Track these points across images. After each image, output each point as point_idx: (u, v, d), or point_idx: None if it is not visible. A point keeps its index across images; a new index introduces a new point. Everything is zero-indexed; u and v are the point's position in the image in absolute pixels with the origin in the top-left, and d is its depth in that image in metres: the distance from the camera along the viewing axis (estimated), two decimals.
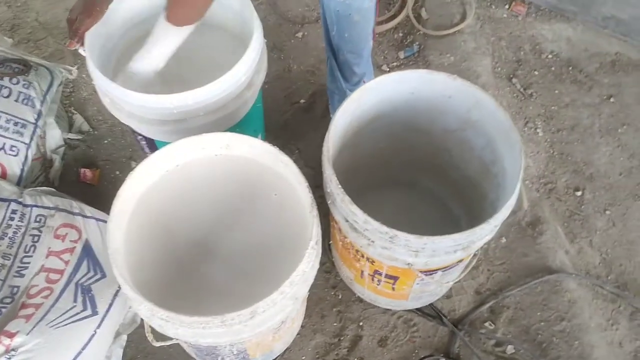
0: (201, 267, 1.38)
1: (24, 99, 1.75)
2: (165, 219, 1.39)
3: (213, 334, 1.15)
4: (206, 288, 1.36)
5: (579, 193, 1.87)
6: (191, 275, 1.37)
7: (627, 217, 1.82)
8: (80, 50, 1.43)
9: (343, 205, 1.24)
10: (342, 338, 1.63)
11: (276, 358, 1.59)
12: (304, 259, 1.15)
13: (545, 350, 1.59)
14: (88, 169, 1.87)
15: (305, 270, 1.19)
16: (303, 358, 1.60)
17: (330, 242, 1.65)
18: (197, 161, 1.37)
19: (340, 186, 1.22)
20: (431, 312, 1.66)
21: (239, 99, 1.45)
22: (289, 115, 2.02)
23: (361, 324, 1.64)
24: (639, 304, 1.67)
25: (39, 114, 1.78)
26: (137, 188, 1.31)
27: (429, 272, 1.35)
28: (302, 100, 2.05)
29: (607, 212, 1.83)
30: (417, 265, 1.28)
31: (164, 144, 1.34)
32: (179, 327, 1.14)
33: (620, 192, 1.87)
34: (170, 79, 1.54)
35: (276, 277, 1.16)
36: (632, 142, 1.96)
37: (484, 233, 1.22)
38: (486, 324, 1.64)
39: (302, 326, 1.63)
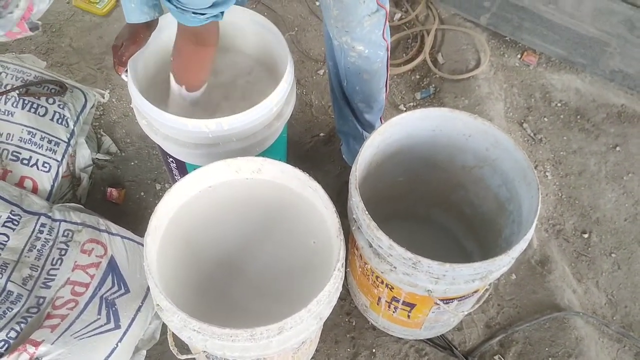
0: (228, 285, 1.43)
1: (58, 119, 1.83)
2: (195, 238, 1.45)
3: (241, 347, 1.19)
4: (232, 306, 1.41)
5: (585, 235, 1.94)
6: (218, 293, 1.42)
7: (632, 261, 1.89)
8: (123, 76, 1.51)
9: (369, 231, 1.30)
10: None
11: None
12: (331, 279, 1.21)
13: None
14: (114, 188, 1.94)
15: (331, 290, 1.24)
16: None
17: (347, 269, 1.71)
18: (229, 183, 1.43)
19: (367, 212, 1.29)
20: (442, 343, 1.70)
21: (269, 128, 1.53)
22: (309, 147, 2.10)
23: (374, 350, 1.69)
24: None
25: (72, 134, 1.85)
26: (172, 206, 1.38)
27: (447, 301, 1.40)
28: (321, 134, 2.14)
29: (613, 255, 1.90)
30: (436, 293, 1.34)
31: (194, 167, 1.41)
32: (208, 339, 1.18)
33: (625, 237, 1.94)
34: (205, 105, 1.62)
35: (300, 298, 1.22)
36: (637, 190, 2.04)
37: (502, 264, 1.28)
38: (495, 358, 1.68)
39: (317, 350, 1.67)
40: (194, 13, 1.18)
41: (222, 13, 1.23)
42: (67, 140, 1.84)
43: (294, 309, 1.16)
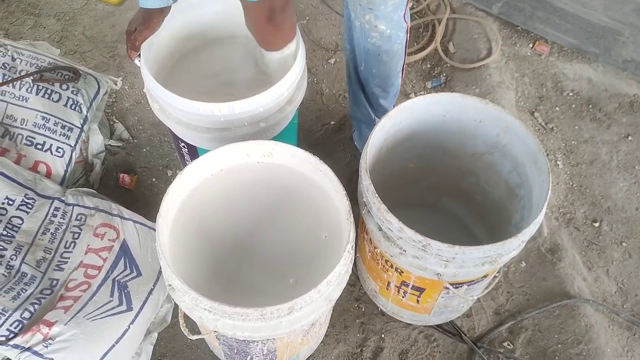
0: (239, 267, 1.44)
1: (72, 105, 1.85)
2: (207, 220, 1.46)
3: (251, 327, 1.20)
4: (242, 287, 1.42)
5: (596, 224, 1.93)
6: (229, 275, 1.43)
7: None
8: (136, 61, 1.52)
9: (379, 214, 1.31)
10: (364, 349, 1.67)
11: None
12: (341, 260, 1.22)
13: None
14: (126, 174, 1.96)
15: (341, 272, 1.25)
16: None
17: (357, 255, 1.72)
18: (240, 167, 1.44)
19: (377, 195, 1.30)
20: (451, 329, 1.71)
21: (281, 113, 1.54)
22: (320, 134, 2.11)
23: (383, 336, 1.69)
24: None
25: (85, 119, 1.87)
26: (184, 188, 1.39)
27: (456, 285, 1.40)
28: (332, 122, 2.15)
29: (624, 244, 1.89)
30: (446, 276, 1.34)
31: (206, 152, 1.42)
32: (219, 319, 1.20)
33: (636, 226, 1.93)
34: (216, 89, 1.64)
35: (311, 280, 1.23)
36: None
37: (511, 247, 1.29)
38: (505, 344, 1.69)
39: (326, 335, 1.68)
40: None
41: None
42: (80, 126, 1.85)
43: (304, 291, 1.17)
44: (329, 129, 2.13)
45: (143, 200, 1.91)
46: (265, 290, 1.43)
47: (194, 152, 1.65)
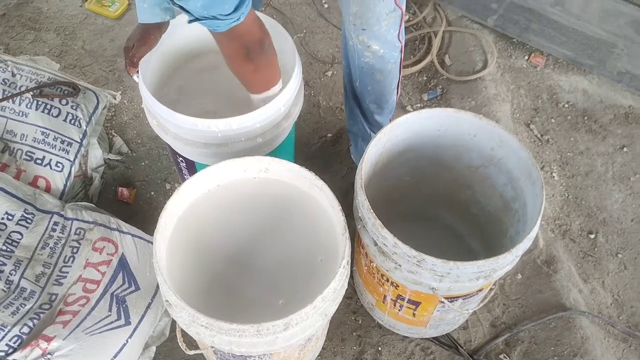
0: (236, 282, 1.46)
1: (71, 119, 1.86)
2: (204, 235, 1.47)
3: (248, 343, 1.21)
4: (240, 301, 1.43)
5: (592, 236, 1.94)
6: (226, 290, 1.45)
7: (639, 262, 1.89)
8: (134, 77, 1.54)
9: (374, 229, 1.32)
10: None
11: None
12: (336, 276, 1.23)
13: None
14: (125, 188, 1.97)
15: (336, 288, 1.26)
16: None
17: (353, 268, 1.73)
18: (237, 182, 1.46)
19: (372, 210, 1.31)
20: (448, 342, 1.72)
21: (277, 128, 1.55)
22: (317, 147, 2.12)
23: (380, 349, 1.70)
24: None
25: (84, 134, 1.88)
26: (181, 204, 1.40)
27: (451, 299, 1.42)
28: (329, 135, 2.16)
29: (619, 256, 1.90)
30: (440, 291, 1.35)
31: (204, 166, 1.44)
32: (216, 335, 1.21)
33: (632, 238, 1.94)
34: (212, 106, 1.65)
35: (307, 295, 1.24)
36: None
37: (505, 262, 1.30)
38: (501, 357, 1.70)
39: (323, 348, 1.69)
40: (216, 19, 1.18)
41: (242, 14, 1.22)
42: (79, 141, 1.87)
43: (301, 306, 1.19)
44: (325, 142, 2.14)
45: (142, 214, 1.93)
46: (263, 305, 1.45)
47: (192, 167, 1.66)
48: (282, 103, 1.51)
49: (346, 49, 1.66)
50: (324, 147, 2.13)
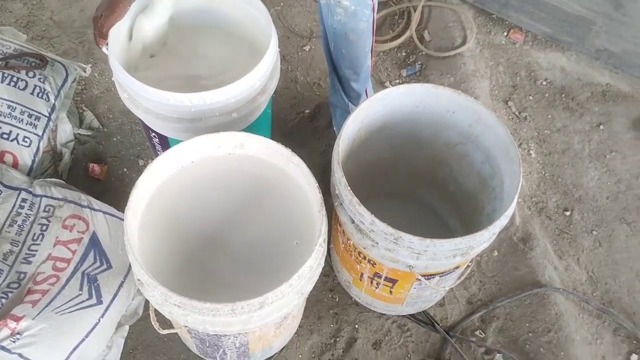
0: (211, 260, 1.42)
1: (39, 93, 1.80)
2: (178, 213, 1.43)
3: (222, 322, 1.19)
4: (214, 281, 1.40)
5: (567, 213, 1.95)
6: (201, 269, 1.41)
7: (613, 239, 1.91)
8: (104, 48, 1.48)
9: (351, 207, 1.30)
10: (337, 339, 1.68)
11: (274, 355, 1.63)
12: (312, 254, 1.21)
13: None
14: (96, 164, 1.92)
15: (313, 266, 1.25)
16: (300, 356, 1.64)
17: (331, 245, 1.71)
18: (211, 159, 1.42)
19: (349, 188, 1.29)
20: (424, 319, 1.72)
21: (253, 103, 1.51)
22: (294, 124, 2.09)
23: (357, 326, 1.70)
24: (623, 321, 1.74)
25: (53, 108, 1.82)
26: (154, 180, 1.36)
27: (428, 277, 1.41)
28: (306, 111, 2.13)
29: (594, 233, 1.92)
30: (417, 268, 1.34)
31: (177, 142, 1.39)
32: (189, 314, 1.18)
33: (607, 215, 1.95)
34: (185, 78, 1.60)
35: (283, 273, 1.22)
36: (620, 169, 2.05)
37: (482, 239, 1.29)
38: (477, 333, 1.70)
39: (300, 326, 1.68)
40: None
41: None
42: (48, 115, 1.81)
43: (277, 284, 1.17)
44: (303, 118, 2.11)
45: (114, 191, 1.88)
46: (238, 283, 1.42)
47: (165, 143, 1.62)
48: (257, 77, 1.47)
49: (321, 12, 1.62)
50: (301, 123, 2.10)
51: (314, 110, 2.12)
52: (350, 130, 1.43)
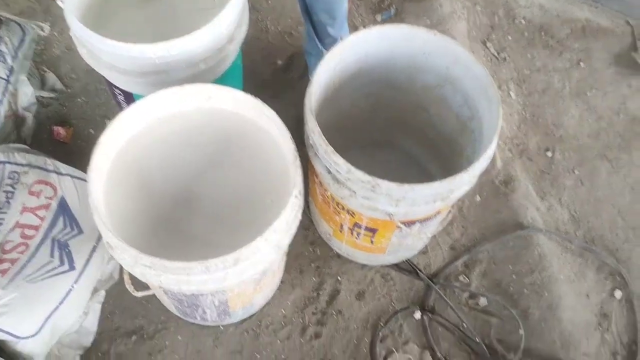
0: (184, 219, 1.38)
1: None
2: (146, 172, 1.38)
3: (197, 281, 1.15)
4: (189, 239, 1.36)
5: (549, 153, 1.92)
6: (174, 228, 1.37)
7: (595, 177, 1.89)
8: (58, 1, 1.40)
9: (326, 156, 1.25)
10: (320, 292, 1.65)
11: (256, 312, 1.61)
12: (287, 206, 1.17)
13: (516, 301, 1.65)
14: (61, 127, 1.84)
15: (289, 219, 1.21)
16: (283, 311, 1.62)
17: (309, 198, 1.67)
18: (179, 114, 1.36)
19: (323, 137, 1.24)
20: (407, 267, 1.70)
21: (221, 53, 1.44)
22: (267, 75, 2.01)
23: (339, 278, 1.67)
24: (606, 259, 1.74)
25: (11, 70, 1.73)
26: (117, 139, 1.30)
27: (408, 224, 1.38)
28: (279, 61, 2.05)
29: (576, 172, 1.89)
30: (397, 216, 1.31)
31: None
32: (162, 274, 1.14)
33: (588, 153, 1.93)
34: (150, 31, 1.52)
35: (260, 227, 1.17)
36: (600, 105, 2.02)
37: (462, 182, 1.25)
38: (460, 278, 1.69)
39: (281, 281, 1.65)
40: None
41: None
42: (6, 78, 1.72)
43: (253, 239, 1.12)
44: (276, 69, 2.03)
45: (80, 154, 1.79)
46: (214, 240, 1.38)
47: (131, 100, 1.55)
48: (224, 24, 1.39)
49: None
50: (274, 74, 2.02)
51: (287, 61, 2.05)
52: (323, 76, 1.36)
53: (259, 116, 1.34)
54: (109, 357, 1.56)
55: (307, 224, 1.73)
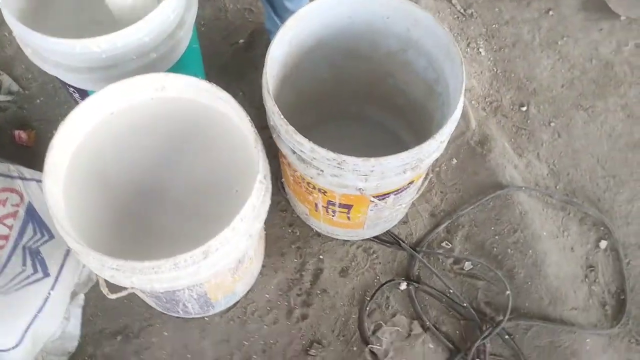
0: (151, 213, 1.34)
1: None
2: (107, 169, 1.34)
3: (168, 278, 1.12)
4: (157, 234, 1.33)
5: (524, 108, 1.89)
6: (143, 223, 1.33)
7: (571, 128, 1.86)
8: None
9: (288, 137, 1.21)
10: (303, 273, 1.63)
11: (239, 300, 1.58)
12: (252, 192, 1.13)
13: (501, 262, 1.63)
14: (22, 130, 1.78)
15: (256, 205, 1.17)
16: (267, 296, 1.60)
17: (283, 180, 1.64)
18: (133, 107, 1.31)
19: (282, 117, 1.19)
20: (389, 239, 1.67)
21: (172, 39, 1.39)
22: (229, 56, 1.95)
23: (321, 257, 1.65)
24: (588, 210, 1.72)
25: None
26: (71, 139, 1.26)
27: (381, 197, 1.34)
28: (241, 40, 1.99)
29: (552, 125, 1.86)
30: (368, 190, 1.27)
31: None
32: (131, 276, 1.11)
33: (563, 104, 1.89)
34: (95, 25, 1.46)
35: (231, 216, 1.14)
36: (572, 53, 1.98)
37: (431, 149, 1.22)
38: (443, 244, 1.67)
39: (263, 266, 1.62)
40: None
41: None
42: None
43: (223, 228, 1.09)
44: (238, 49, 1.97)
45: (44, 156, 1.75)
46: (183, 233, 1.34)
47: (86, 96, 1.47)
48: (170, 8, 1.33)
49: None
50: (236, 54, 1.97)
51: (248, 39, 1.99)
52: (278, 53, 1.32)
53: (215, 101, 1.29)
54: None
55: (284, 206, 1.70)
